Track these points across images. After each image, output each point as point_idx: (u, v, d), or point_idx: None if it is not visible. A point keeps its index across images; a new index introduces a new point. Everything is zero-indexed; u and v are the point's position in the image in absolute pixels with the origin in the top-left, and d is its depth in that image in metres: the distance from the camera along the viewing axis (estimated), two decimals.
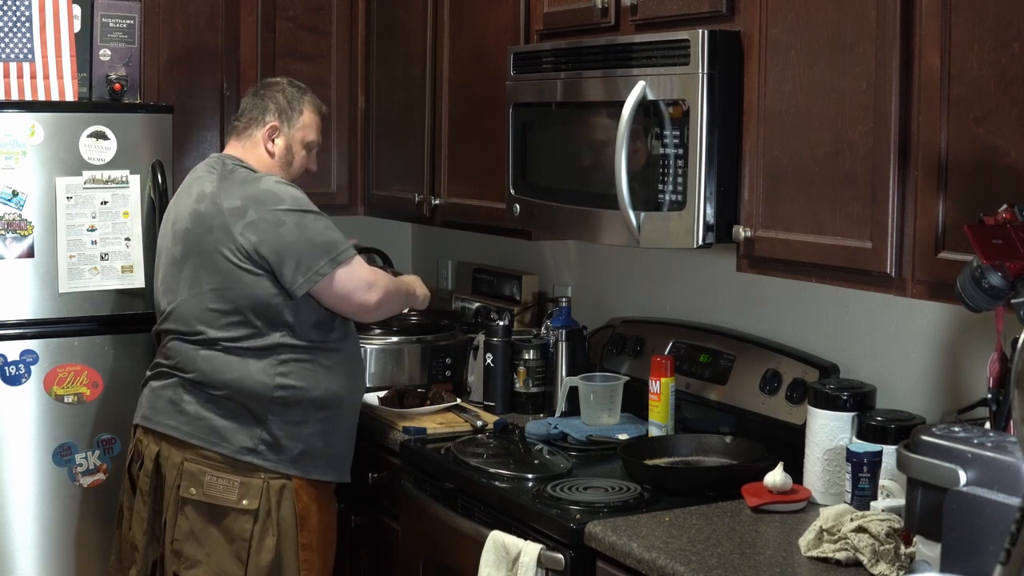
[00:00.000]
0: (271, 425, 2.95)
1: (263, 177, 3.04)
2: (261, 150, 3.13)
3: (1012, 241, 1.93)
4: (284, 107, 3.15)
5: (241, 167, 3.07)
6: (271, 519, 2.94)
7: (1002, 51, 2.01)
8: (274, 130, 3.13)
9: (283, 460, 2.96)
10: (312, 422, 3.00)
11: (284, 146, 3.15)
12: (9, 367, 3.43)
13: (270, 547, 2.94)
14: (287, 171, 3.15)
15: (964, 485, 1.80)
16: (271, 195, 2.97)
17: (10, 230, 3.41)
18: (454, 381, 3.65)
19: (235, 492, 2.93)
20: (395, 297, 3.15)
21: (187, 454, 2.96)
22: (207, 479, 2.93)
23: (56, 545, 3.50)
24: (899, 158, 2.21)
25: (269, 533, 2.94)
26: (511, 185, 3.15)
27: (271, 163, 3.13)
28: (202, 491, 2.94)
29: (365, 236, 4.47)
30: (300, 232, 2.94)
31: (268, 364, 2.95)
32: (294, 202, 2.97)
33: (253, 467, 2.94)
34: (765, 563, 2.26)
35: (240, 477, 2.94)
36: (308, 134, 3.19)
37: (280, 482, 2.96)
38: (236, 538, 2.93)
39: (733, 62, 2.54)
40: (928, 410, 2.61)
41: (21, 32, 3.54)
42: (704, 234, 2.56)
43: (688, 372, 3.15)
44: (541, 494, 2.68)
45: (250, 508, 2.93)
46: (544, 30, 3.15)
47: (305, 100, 3.19)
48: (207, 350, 2.97)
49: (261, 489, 2.94)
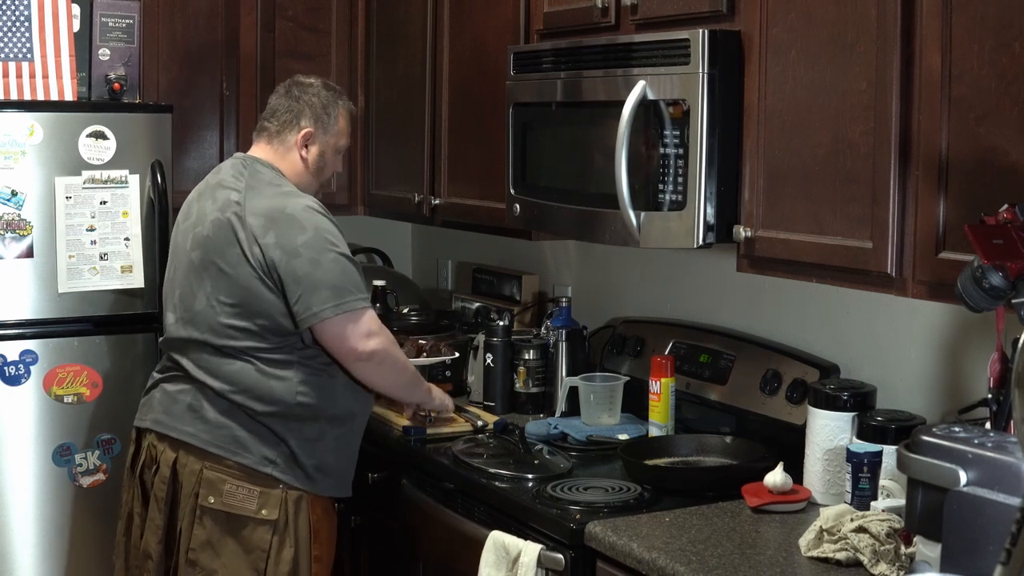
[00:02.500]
0: (289, 440, 2.91)
1: (291, 198, 2.93)
2: (295, 156, 3.04)
3: (1013, 241, 1.93)
4: (320, 113, 3.05)
5: (269, 174, 2.99)
6: (289, 530, 2.90)
7: (1003, 51, 2.01)
8: (309, 136, 3.03)
9: (299, 475, 2.93)
10: (327, 439, 2.96)
11: (318, 153, 3.05)
12: (8, 367, 3.43)
13: (288, 559, 2.90)
14: (318, 177, 3.08)
15: (964, 485, 1.80)
16: (295, 222, 2.86)
17: (9, 230, 3.41)
18: (454, 381, 3.64)
19: (255, 502, 2.88)
20: (398, 366, 3.01)
21: (207, 462, 2.90)
22: (227, 488, 2.88)
23: (56, 545, 3.50)
24: (900, 158, 2.21)
25: (287, 544, 2.90)
26: (511, 185, 3.15)
27: (302, 170, 3.04)
28: (221, 500, 2.88)
29: (365, 236, 4.49)
30: (312, 270, 2.84)
31: (290, 380, 2.90)
32: (316, 235, 2.86)
33: (272, 479, 2.90)
34: (765, 563, 2.26)
35: (260, 487, 2.89)
36: (341, 139, 3.10)
37: (297, 493, 2.92)
38: (254, 548, 2.89)
39: (733, 62, 2.53)
40: (928, 410, 2.61)
41: (20, 32, 3.54)
42: (704, 234, 2.56)
43: (688, 372, 3.15)
44: (541, 494, 2.68)
45: (269, 518, 2.88)
46: (544, 30, 3.15)
47: (340, 104, 3.09)
48: (231, 360, 2.90)
49: (281, 500, 2.90)
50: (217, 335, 2.90)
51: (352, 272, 2.89)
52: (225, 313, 2.89)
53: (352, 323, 2.86)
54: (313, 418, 2.93)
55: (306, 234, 2.86)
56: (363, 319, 2.88)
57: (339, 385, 2.96)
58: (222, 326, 2.89)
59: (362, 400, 3.04)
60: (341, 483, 3.06)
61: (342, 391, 2.97)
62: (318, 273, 2.84)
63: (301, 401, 2.91)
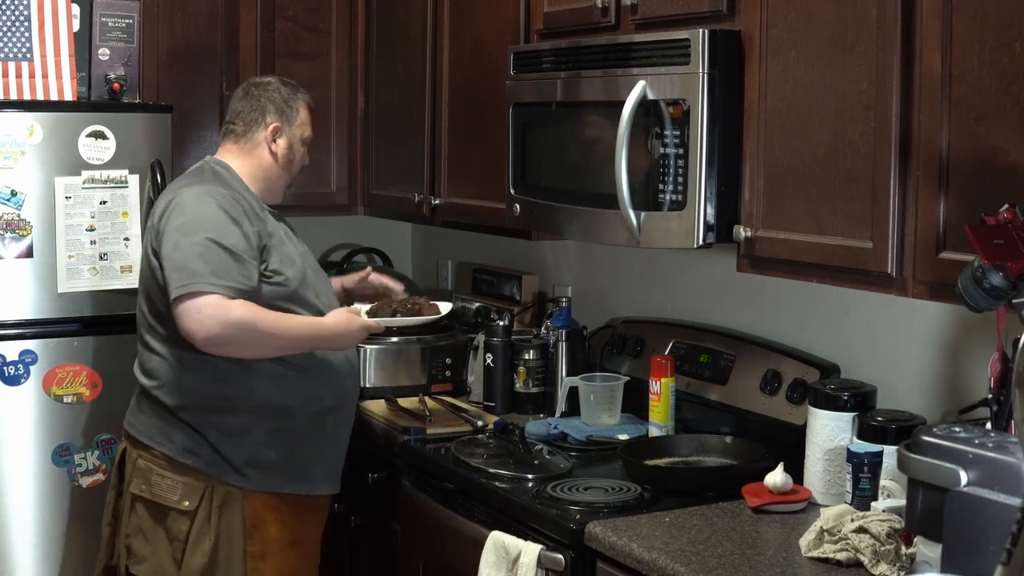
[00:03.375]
0: (208, 434, 2.91)
1: (196, 186, 2.95)
2: (264, 151, 3.07)
3: (1013, 241, 1.93)
4: (283, 107, 3.09)
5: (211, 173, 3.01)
6: (210, 523, 2.90)
7: (1003, 50, 2.01)
8: (277, 130, 3.07)
9: (226, 469, 2.91)
10: (256, 433, 2.92)
11: (287, 146, 3.09)
12: (8, 367, 3.43)
13: (204, 551, 2.89)
14: (288, 170, 3.11)
15: (965, 485, 1.80)
16: (179, 207, 2.89)
17: (9, 230, 3.41)
18: (454, 381, 3.64)
19: (177, 492, 2.91)
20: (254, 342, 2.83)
21: (141, 452, 2.98)
22: (154, 478, 2.93)
23: (55, 545, 3.50)
24: (900, 158, 2.21)
25: (206, 537, 2.89)
26: (511, 185, 3.15)
27: (271, 164, 3.07)
28: (150, 489, 2.94)
29: (365, 236, 4.49)
30: (172, 251, 2.83)
31: (202, 372, 2.90)
32: (191, 219, 2.86)
33: (195, 470, 2.91)
34: (765, 563, 2.25)
35: (183, 478, 2.91)
36: (306, 130, 3.14)
37: (226, 488, 2.91)
38: (174, 538, 2.92)
39: (733, 62, 2.53)
40: (929, 410, 2.61)
41: (20, 31, 3.54)
42: (704, 234, 2.56)
43: (688, 372, 3.15)
44: (541, 494, 2.68)
45: (188, 509, 2.90)
46: (544, 29, 3.15)
47: (299, 97, 3.14)
48: (152, 355, 2.96)
49: (203, 492, 2.90)
50: (144, 331, 2.99)
51: (215, 257, 2.80)
52: (145, 309, 2.97)
53: (191, 305, 2.76)
54: (232, 411, 2.92)
55: (183, 218, 2.87)
56: (200, 302, 2.76)
57: (257, 377, 2.91)
58: (146, 323, 2.98)
59: (300, 395, 2.95)
60: (298, 481, 2.99)
61: (262, 383, 2.92)
62: (176, 254, 2.82)
63: (217, 393, 2.91)
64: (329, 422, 3.02)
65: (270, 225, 2.99)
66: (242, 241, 2.86)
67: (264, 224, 2.97)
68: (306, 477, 3.01)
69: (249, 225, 2.91)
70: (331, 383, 3.01)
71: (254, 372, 2.91)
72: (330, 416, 3.02)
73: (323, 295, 3.06)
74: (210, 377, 2.90)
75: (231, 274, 2.81)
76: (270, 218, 3.02)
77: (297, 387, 2.95)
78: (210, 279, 2.78)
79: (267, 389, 2.92)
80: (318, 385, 2.98)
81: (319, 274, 3.12)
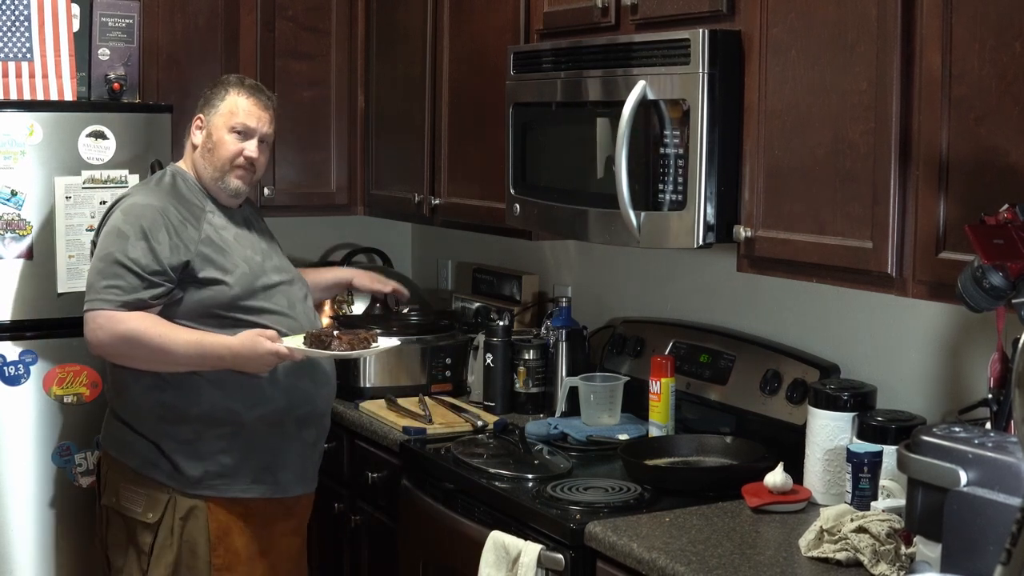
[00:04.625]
0: (161, 443, 2.91)
1: (130, 197, 2.99)
2: (188, 144, 3.09)
3: (1013, 241, 1.93)
4: (208, 97, 3.06)
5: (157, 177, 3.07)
6: (173, 536, 2.90)
7: (1003, 50, 2.01)
8: (199, 122, 3.06)
9: (184, 480, 2.90)
10: (208, 439, 2.91)
11: (205, 134, 3.03)
12: (8, 367, 3.43)
13: (167, 563, 2.89)
14: (211, 159, 3.01)
15: (965, 485, 1.80)
16: (112, 215, 2.96)
17: (9, 230, 3.41)
18: (454, 381, 3.64)
19: (141, 504, 2.92)
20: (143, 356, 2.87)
21: (111, 464, 3.00)
22: (121, 490, 2.96)
23: (55, 545, 3.50)
24: (900, 158, 2.21)
25: (169, 550, 2.90)
26: (511, 185, 3.15)
27: (189, 152, 3.08)
28: (118, 501, 2.96)
29: (365, 236, 4.49)
30: (92, 263, 2.97)
31: (145, 381, 2.91)
32: (107, 233, 2.92)
33: (157, 483, 2.92)
34: (765, 563, 2.25)
35: (145, 490, 2.92)
36: (233, 118, 3.01)
37: (189, 500, 2.90)
38: (141, 551, 2.93)
39: (733, 62, 2.53)
40: (928, 410, 2.61)
41: (20, 31, 3.54)
42: (704, 234, 2.56)
43: (688, 372, 3.15)
44: (541, 494, 2.68)
45: (152, 522, 2.91)
46: (544, 29, 3.15)
47: (228, 86, 3.06)
48: (112, 367, 3.00)
49: (166, 504, 2.90)
50: None
51: (112, 272, 2.87)
52: None
53: (88, 318, 2.90)
54: (182, 420, 2.91)
55: (101, 236, 2.97)
56: (94, 315, 2.88)
57: (203, 384, 2.90)
58: None
59: (247, 399, 2.91)
60: (263, 484, 2.96)
61: (207, 390, 2.90)
62: (88, 271, 2.97)
63: (161, 402, 2.91)
64: (288, 423, 2.98)
65: (209, 231, 2.96)
66: (145, 256, 2.87)
67: (199, 232, 2.94)
68: (273, 480, 2.98)
69: (167, 238, 2.89)
70: (278, 386, 2.95)
71: (197, 379, 2.90)
72: (287, 417, 2.98)
73: (283, 302, 3.00)
74: (151, 386, 2.91)
75: (128, 289, 2.86)
76: (216, 222, 2.99)
77: (243, 392, 2.92)
78: (103, 293, 2.87)
79: (212, 395, 2.91)
80: (266, 387, 2.93)
81: (290, 279, 3.07)
